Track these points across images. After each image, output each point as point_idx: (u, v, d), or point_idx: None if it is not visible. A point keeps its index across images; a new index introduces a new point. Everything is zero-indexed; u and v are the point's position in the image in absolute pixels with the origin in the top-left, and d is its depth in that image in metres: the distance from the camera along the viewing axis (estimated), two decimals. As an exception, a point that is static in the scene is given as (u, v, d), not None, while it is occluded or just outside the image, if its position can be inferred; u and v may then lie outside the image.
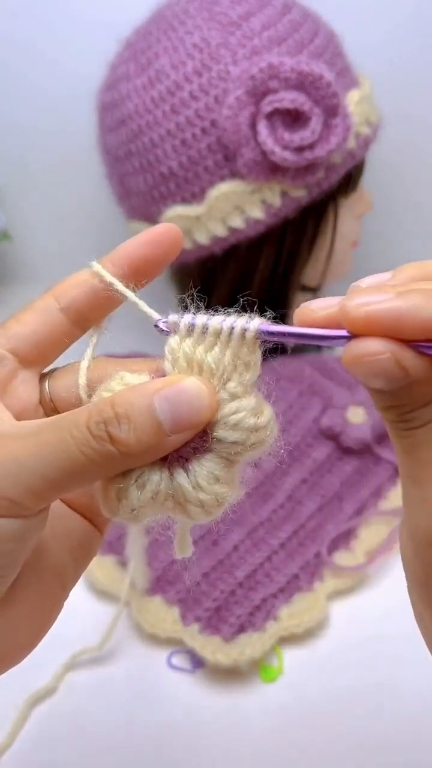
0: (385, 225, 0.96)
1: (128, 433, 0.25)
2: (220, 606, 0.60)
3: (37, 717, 0.56)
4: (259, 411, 0.27)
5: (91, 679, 0.58)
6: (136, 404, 0.25)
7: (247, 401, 0.27)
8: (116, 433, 0.24)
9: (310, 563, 0.63)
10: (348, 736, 0.53)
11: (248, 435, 0.26)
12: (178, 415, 0.25)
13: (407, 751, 0.52)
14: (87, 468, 0.25)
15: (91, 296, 0.30)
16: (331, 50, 0.68)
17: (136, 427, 0.25)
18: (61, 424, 0.25)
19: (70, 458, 0.25)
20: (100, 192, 0.79)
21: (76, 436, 0.25)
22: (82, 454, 0.25)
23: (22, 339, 0.30)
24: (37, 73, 0.91)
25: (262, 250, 0.70)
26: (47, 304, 0.30)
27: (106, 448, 0.24)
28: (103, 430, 0.24)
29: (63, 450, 0.25)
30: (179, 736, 0.54)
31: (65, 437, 0.25)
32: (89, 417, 0.25)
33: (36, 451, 0.25)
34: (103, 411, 0.25)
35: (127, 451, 0.25)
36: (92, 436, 0.24)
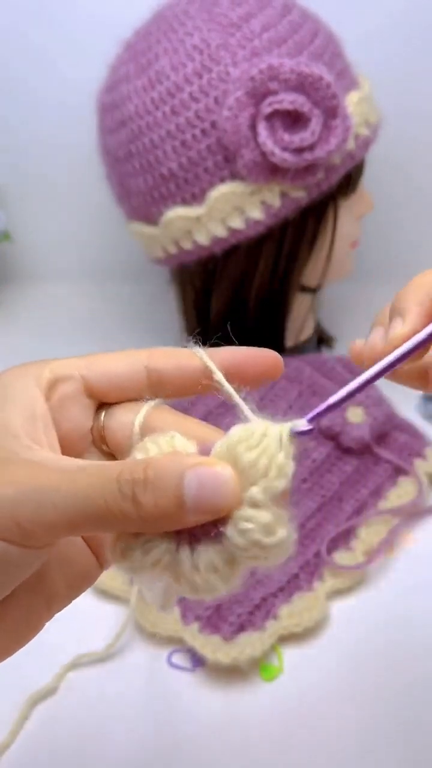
0: (385, 225, 0.96)
1: (150, 499, 0.25)
2: (220, 605, 0.60)
3: (37, 715, 0.56)
4: (272, 530, 0.26)
5: (91, 678, 0.58)
6: (167, 473, 0.25)
7: (263, 515, 0.26)
8: (140, 495, 0.25)
9: (309, 563, 0.63)
10: (348, 734, 0.53)
11: (252, 548, 0.26)
12: (203, 497, 0.25)
13: (407, 751, 0.52)
14: (104, 518, 0.25)
15: (180, 373, 0.30)
16: (331, 51, 0.68)
17: (160, 495, 0.25)
18: (94, 472, 0.26)
19: (94, 504, 0.25)
20: (100, 193, 0.79)
21: (105, 487, 0.25)
22: (105, 503, 0.25)
23: (98, 371, 0.30)
24: (37, 73, 0.92)
25: (262, 250, 0.70)
26: (137, 355, 0.31)
27: (126, 507, 0.25)
28: (130, 489, 0.25)
29: (88, 494, 0.25)
30: (179, 734, 0.54)
31: (94, 483, 0.25)
32: (121, 472, 0.25)
33: (63, 488, 0.25)
34: (135, 471, 0.25)
35: (143, 515, 0.25)
36: (119, 491, 0.25)
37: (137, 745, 0.54)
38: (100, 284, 1.03)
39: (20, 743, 0.54)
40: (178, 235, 0.71)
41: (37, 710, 0.56)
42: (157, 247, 0.74)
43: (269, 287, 0.73)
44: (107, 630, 0.60)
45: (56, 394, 0.30)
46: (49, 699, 0.57)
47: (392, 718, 0.54)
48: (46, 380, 0.30)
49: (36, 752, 0.54)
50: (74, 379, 0.30)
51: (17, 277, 1.09)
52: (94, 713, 0.56)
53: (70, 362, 0.30)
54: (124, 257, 0.99)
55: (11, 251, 1.06)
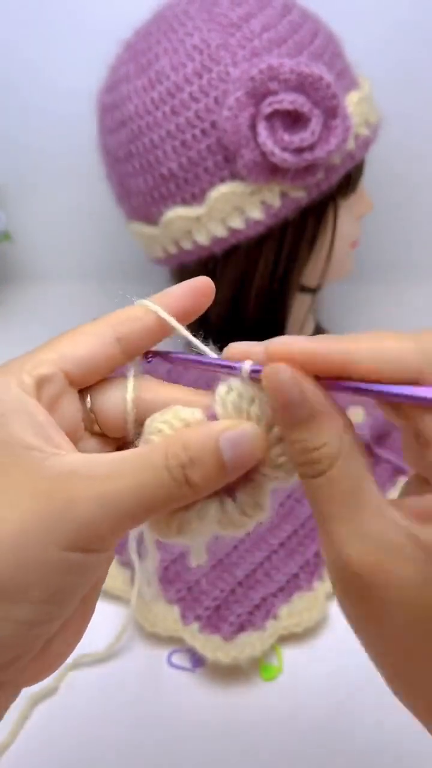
0: (385, 225, 0.96)
1: (199, 475, 0.28)
2: (220, 605, 0.60)
3: (38, 715, 0.56)
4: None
5: (91, 678, 0.58)
6: (205, 447, 0.28)
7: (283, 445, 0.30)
8: (191, 476, 0.28)
9: (309, 562, 0.63)
10: (347, 734, 0.53)
11: (287, 475, 0.30)
12: (239, 456, 0.29)
13: (407, 750, 0.52)
14: (163, 505, 0.28)
15: (145, 331, 0.32)
16: (331, 51, 0.68)
17: (206, 467, 0.28)
18: (143, 466, 0.28)
19: (152, 496, 0.27)
20: (101, 193, 0.80)
21: (157, 478, 0.28)
22: (164, 493, 0.28)
23: (74, 360, 0.31)
24: (37, 74, 0.92)
25: (262, 250, 0.70)
26: (102, 331, 0.32)
27: (182, 490, 0.28)
28: (180, 473, 0.28)
29: (146, 490, 0.27)
30: (179, 734, 0.54)
31: (146, 480, 0.27)
32: (167, 460, 0.28)
33: (120, 489, 0.27)
34: (178, 456, 0.28)
35: (196, 490, 0.28)
36: (171, 478, 0.28)
37: (137, 744, 0.54)
38: (100, 284, 1.03)
39: (20, 743, 0.54)
40: (178, 235, 0.71)
41: (38, 710, 0.56)
42: (157, 247, 0.74)
43: (269, 287, 0.73)
44: (108, 630, 0.60)
45: (45, 396, 0.30)
46: (50, 699, 0.57)
47: (392, 717, 0.54)
48: (31, 386, 0.30)
49: (36, 752, 0.54)
50: (57, 377, 0.30)
51: (17, 277, 1.09)
52: (94, 713, 0.56)
53: (42, 359, 0.30)
54: (124, 257, 0.99)
55: (11, 251, 1.07)
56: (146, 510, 0.27)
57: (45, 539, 0.26)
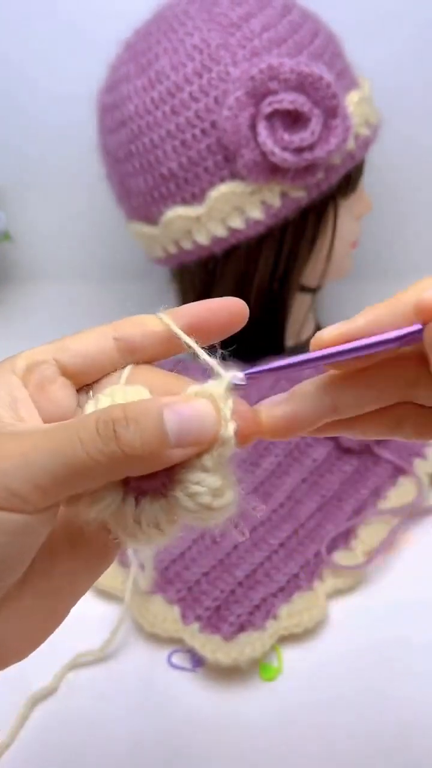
0: (385, 225, 0.96)
1: (134, 435, 0.26)
2: (220, 605, 0.60)
3: (37, 715, 0.56)
4: (220, 493, 0.28)
5: (91, 678, 0.58)
6: (146, 410, 0.26)
7: (212, 479, 0.28)
8: (122, 433, 0.26)
9: (309, 563, 0.63)
10: (347, 734, 0.53)
11: (200, 509, 0.28)
12: (185, 430, 0.26)
13: (407, 750, 0.52)
14: (90, 467, 0.26)
15: (148, 338, 0.31)
16: (331, 51, 0.68)
17: (143, 429, 0.26)
18: (71, 425, 0.26)
19: (75, 456, 0.25)
20: (101, 192, 0.79)
21: (83, 436, 0.26)
22: (86, 454, 0.25)
23: (68, 351, 0.31)
24: (37, 73, 0.92)
25: (262, 250, 0.70)
26: (104, 330, 0.31)
27: (110, 448, 0.26)
28: (110, 428, 0.26)
29: (69, 447, 0.26)
30: (179, 734, 0.54)
31: (72, 436, 0.26)
32: (98, 417, 0.26)
33: (43, 447, 0.26)
34: (113, 412, 0.26)
35: (130, 452, 0.26)
36: (99, 435, 0.26)
37: (137, 744, 0.54)
38: (100, 284, 1.03)
39: (20, 742, 0.54)
40: (178, 235, 0.71)
41: (37, 710, 0.56)
42: (157, 247, 0.74)
43: (269, 287, 0.73)
44: (108, 630, 0.60)
45: (33, 379, 0.30)
46: (49, 699, 0.57)
47: (392, 718, 0.54)
48: (21, 368, 0.30)
49: (36, 752, 0.54)
50: (49, 363, 0.30)
51: (17, 277, 1.09)
52: (93, 713, 0.56)
53: (40, 349, 0.31)
54: (124, 257, 0.98)
55: (11, 251, 1.06)
56: (71, 471, 0.26)
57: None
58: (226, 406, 0.28)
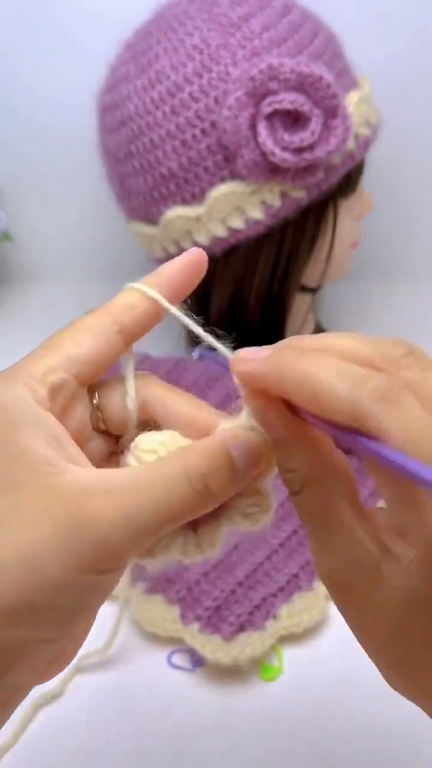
0: (385, 225, 0.96)
1: (217, 482, 0.28)
2: (220, 605, 0.60)
3: (38, 715, 0.56)
4: (270, 508, 0.32)
5: (91, 678, 0.58)
6: (221, 454, 0.28)
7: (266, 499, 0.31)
8: (210, 483, 0.28)
9: (310, 562, 0.63)
10: (347, 734, 0.53)
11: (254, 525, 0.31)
12: (248, 462, 0.29)
13: (407, 750, 0.52)
14: (182, 517, 0.28)
15: (145, 319, 0.32)
16: (331, 51, 0.68)
17: (222, 474, 0.28)
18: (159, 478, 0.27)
19: (171, 509, 0.27)
20: (101, 192, 0.80)
21: (177, 490, 0.27)
22: (181, 506, 0.27)
23: (82, 361, 0.30)
24: (37, 73, 0.92)
25: (262, 250, 0.70)
26: (103, 324, 0.31)
27: (201, 499, 0.28)
28: (202, 483, 0.27)
29: (164, 503, 0.27)
30: (179, 734, 0.54)
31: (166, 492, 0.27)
32: (187, 471, 0.27)
33: (139, 505, 0.26)
34: (199, 465, 0.28)
35: (214, 498, 0.28)
36: (192, 488, 0.27)
37: (137, 744, 0.54)
38: (100, 284, 1.03)
39: (21, 742, 0.54)
40: (178, 235, 0.71)
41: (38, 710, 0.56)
42: (157, 247, 0.74)
43: (269, 287, 0.73)
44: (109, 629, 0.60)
45: (58, 404, 0.30)
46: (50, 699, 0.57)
47: (392, 717, 0.54)
48: (45, 396, 0.29)
49: (36, 751, 0.54)
50: (69, 383, 0.30)
51: (17, 277, 1.09)
52: (93, 713, 0.56)
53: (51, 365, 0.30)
54: (124, 257, 0.98)
55: (11, 251, 1.07)
56: (165, 523, 0.27)
57: (63, 562, 0.25)
58: None
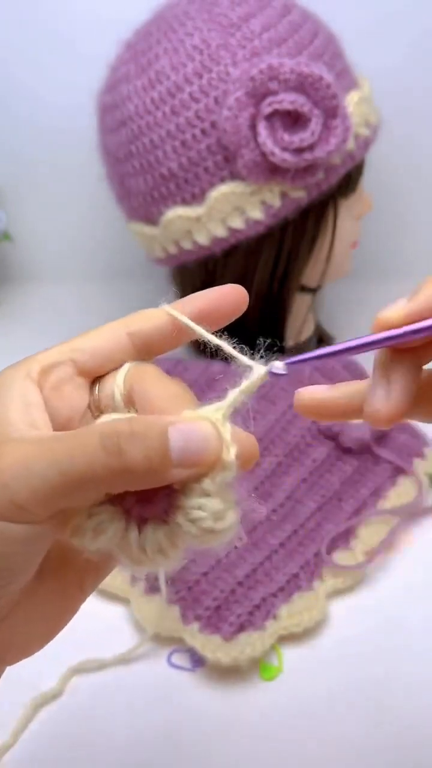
0: (385, 225, 0.96)
1: (137, 450, 0.25)
2: (220, 605, 0.60)
3: (39, 715, 0.56)
4: (222, 516, 0.28)
5: (91, 678, 0.58)
6: (151, 426, 0.26)
7: (213, 504, 0.27)
8: (126, 447, 0.25)
9: (309, 562, 0.63)
10: (347, 734, 0.53)
11: (202, 534, 0.28)
12: (188, 449, 0.26)
13: (407, 750, 0.52)
14: (90, 479, 0.25)
15: (160, 331, 0.32)
16: (331, 51, 0.68)
17: (147, 446, 0.25)
18: (75, 435, 0.26)
19: (75, 466, 0.25)
20: (101, 193, 0.80)
21: (86, 448, 0.25)
22: (87, 465, 0.25)
23: (84, 350, 0.31)
24: (37, 73, 0.92)
25: (262, 250, 0.70)
26: (116, 326, 0.32)
27: (111, 461, 0.25)
28: (115, 443, 0.25)
29: (70, 458, 0.25)
30: (179, 734, 0.54)
31: (75, 446, 0.25)
32: (103, 428, 0.26)
33: (45, 456, 0.25)
34: (118, 426, 0.26)
35: (132, 467, 0.25)
36: (102, 447, 0.25)
37: (137, 744, 0.54)
38: (100, 284, 1.03)
39: (21, 742, 0.54)
40: (178, 235, 0.71)
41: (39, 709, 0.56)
42: (157, 247, 0.74)
43: (269, 287, 0.73)
44: (107, 629, 0.60)
45: (49, 381, 0.30)
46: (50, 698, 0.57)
47: (392, 717, 0.54)
48: (37, 371, 0.30)
49: (36, 751, 0.54)
50: (65, 364, 0.31)
51: (17, 277, 1.09)
52: (93, 713, 0.56)
53: (55, 350, 0.31)
54: (124, 257, 0.99)
55: (11, 251, 1.07)
56: (70, 481, 0.25)
57: None
58: (226, 430, 0.28)
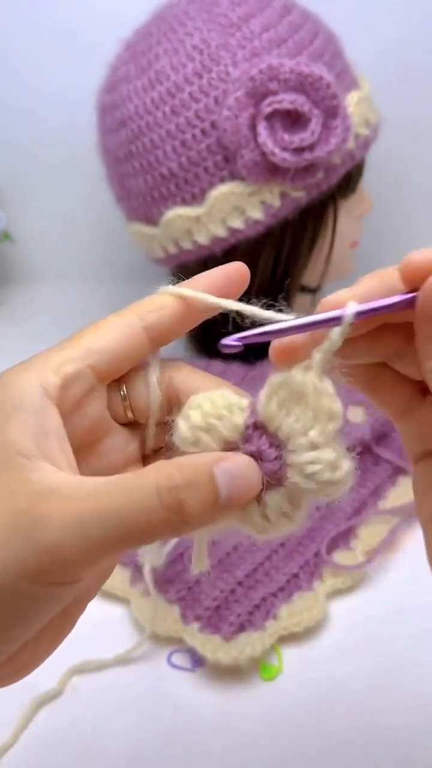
0: (385, 225, 0.96)
1: (194, 501, 0.25)
2: (220, 605, 0.60)
3: (39, 714, 0.56)
4: (337, 465, 0.27)
5: (91, 678, 0.58)
6: (202, 472, 0.25)
7: (327, 454, 0.27)
8: (185, 500, 0.25)
9: (309, 562, 0.63)
10: (347, 734, 0.53)
11: (322, 486, 0.27)
12: (234, 489, 0.26)
13: (407, 750, 0.52)
14: (146, 535, 0.25)
15: (175, 318, 0.30)
16: (331, 51, 0.68)
17: (201, 494, 0.25)
18: (131, 489, 0.25)
19: (133, 523, 0.24)
20: (101, 193, 0.80)
21: (143, 503, 0.24)
22: (147, 522, 0.24)
23: (101, 353, 0.29)
24: (37, 73, 0.92)
25: (262, 251, 0.71)
26: (128, 320, 0.30)
27: (171, 516, 0.25)
28: (173, 498, 0.25)
29: (128, 515, 0.24)
30: (179, 734, 0.54)
31: (131, 502, 0.24)
32: (158, 483, 0.25)
33: (102, 513, 0.24)
34: (174, 476, 0.25)
35: (188, 520, 0.25)
36: (161, 503, 0.24)
37: (137, 744, 0.54)
38: (100, 284, 1.03)
39: (21, 742, 0.54)
40: (178, 235, 0.71)
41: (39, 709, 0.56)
42: (157, 247, 0.74)
43: (269, 288, 0.73)
44: (109, 630, 0.60)
45: (71, 396, 0.28)
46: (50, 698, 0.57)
47: (392, 717, 0.54)
48: (56, 386, 0.28)
49: (36, 751, 0.54)
50: (85, 374, 0.29)
51: (17, 277, 1.09)
52: (93, 712, 0.56)
53: (68, 356, 0.29)
54: (124, 257, 0.99)
55: (11, 251, 1.07)
56: (125, 538, 0.24)
57: (9, 568, 0.24)
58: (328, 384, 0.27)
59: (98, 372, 0.29)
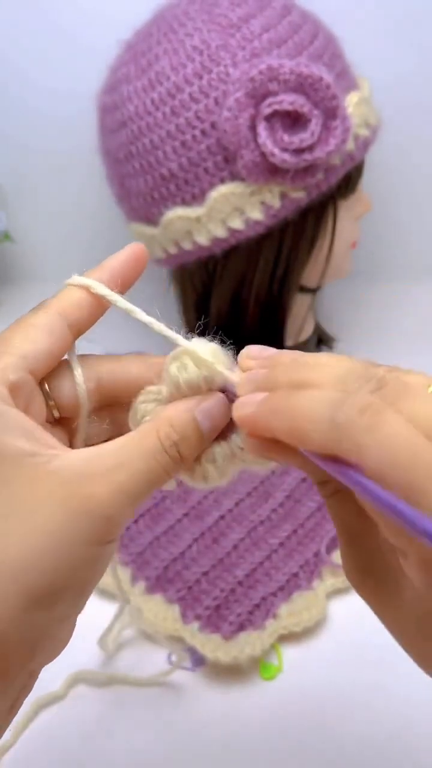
0: (385, 225, 0.96)
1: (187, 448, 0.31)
2: (220, 604, 0.60)
3: (38, 714, 0.56)
4: None
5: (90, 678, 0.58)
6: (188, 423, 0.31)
7: None
8: (182, 451, 0.30)
9: (309, 562, 0.63)
10: (347, 733, 0.53)
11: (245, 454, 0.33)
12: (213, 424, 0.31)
13: (406, 749, 0.52)
14: (163, 483, 0.30)
15: (92, 314, 0.34)
16: (331, 52, 0.69)
17: (190, 441, 0.31)
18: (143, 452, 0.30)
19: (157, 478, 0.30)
20: (101, 193, 0.80)
21: (160, 461, 0.30)
22: (164, 474, 0.30)
23: (36, 358, 0.32)
24: (37, 74, 0.92)
25: (262, 251, 0.71)
26: (52, 321, 0.32)
27: (177, 466, 0.30)
28: (175, 452, 0.30)
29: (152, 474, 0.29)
30: (179, 733, 0.54)
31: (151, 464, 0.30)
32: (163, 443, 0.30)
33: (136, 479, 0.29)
34: (171, 435, 0.30)
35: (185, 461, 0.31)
36: (170, 458, 0.30)
37: (137, 744, 0.54)
38: (100, 284, 1.03)
39: (21, 742, 0.54)
40: (178, 235, 0.71)
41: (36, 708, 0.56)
42: (157, 248, 0.74)
43: (269, 288, 0.73)
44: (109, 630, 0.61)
45: (20, 402, 0.31)
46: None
47: (392, 716, 0.54)
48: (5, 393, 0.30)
49: (36, 751, 0.54)
50: (27, 380, 0.31)
51: (17, 277, 1.09)
52: (92, 712, 0.56)
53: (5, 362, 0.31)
54: (124, 257, 0.98)
55: (11, 251, 1.07)
56: (152, 488, 0.30)
57: (74, 540, 0.27)
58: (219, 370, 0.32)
59: (36, 376, 0.32)
